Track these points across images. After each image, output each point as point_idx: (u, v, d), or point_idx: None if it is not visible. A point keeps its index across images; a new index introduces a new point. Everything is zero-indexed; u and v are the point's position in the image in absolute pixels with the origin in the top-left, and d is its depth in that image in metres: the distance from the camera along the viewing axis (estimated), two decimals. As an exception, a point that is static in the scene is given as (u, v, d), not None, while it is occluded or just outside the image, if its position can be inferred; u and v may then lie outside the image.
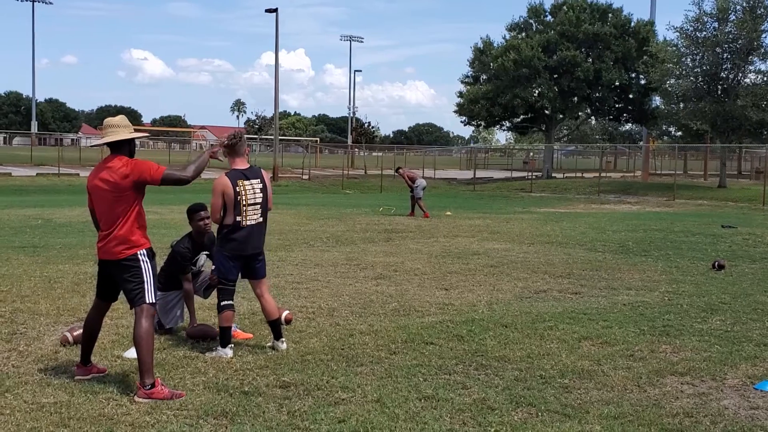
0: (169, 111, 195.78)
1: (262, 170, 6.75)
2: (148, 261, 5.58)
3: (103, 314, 6.00)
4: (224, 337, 6.54)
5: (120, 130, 5.68)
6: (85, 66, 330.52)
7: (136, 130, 5.85)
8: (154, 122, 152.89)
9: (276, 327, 6.74)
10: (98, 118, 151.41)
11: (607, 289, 10.16)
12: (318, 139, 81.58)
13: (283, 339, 6.78)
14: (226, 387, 5.64)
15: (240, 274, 6.69)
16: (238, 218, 6.45)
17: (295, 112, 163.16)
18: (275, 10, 42.57)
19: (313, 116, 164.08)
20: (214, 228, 6.86)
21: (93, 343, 5.92)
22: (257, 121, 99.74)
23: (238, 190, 6.44)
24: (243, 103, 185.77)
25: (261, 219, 6.60)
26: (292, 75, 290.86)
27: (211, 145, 7.12)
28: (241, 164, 6.60)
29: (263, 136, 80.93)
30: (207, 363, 6.27)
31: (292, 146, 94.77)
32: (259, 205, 6.56)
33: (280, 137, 48.73)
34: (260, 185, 6.58)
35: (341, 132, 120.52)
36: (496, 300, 9.22)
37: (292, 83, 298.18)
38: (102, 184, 5.53)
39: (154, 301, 5.57)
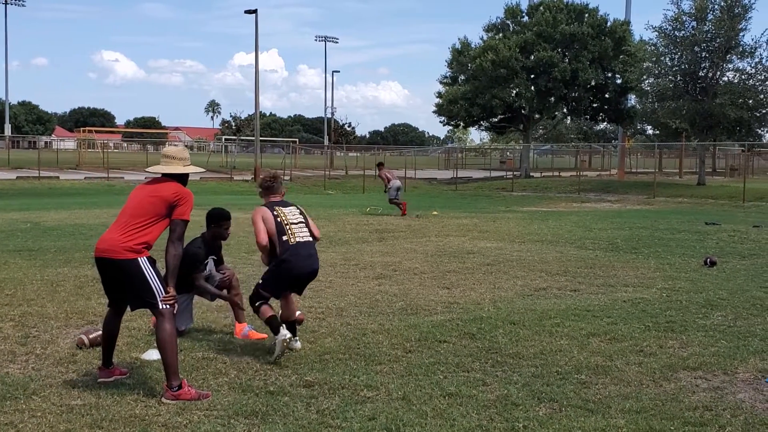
0: (142, 112, 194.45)
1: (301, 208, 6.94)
2: (149, 265, 5.58)
3: (121, 315, 6.02)
4: (272, 326, 6.58)
5: (175, 162, 5.86)
6: (56, 68, 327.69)
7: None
8: (128, 124, 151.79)
9: (292, 326, 6.78)
10: (71, 120, 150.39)
11: (604, 286, 10.30)
12: (297, 139, 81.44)
13: (297, 338, 6.84)
14: (251, 387, 5.69)
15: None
16: (284, 237, 6.56)
17: (270, 112, 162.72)
18: (255, 11, 42.46)
19: (289, 117, 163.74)
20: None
21: (113, 345, 5.93)
22: (234, 122, 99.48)
23: (276, 213, 6.62)
24: (218, 104, 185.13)
25: (310, 237, 6.69)
26: (266, 75, 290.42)
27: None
28: (276, 198, 6.87)
29: (241, 137, 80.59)
30: (227, 364, 6.30)
31: (268, 147, 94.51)
32: (303, 224, 6.70)
33: (259, 138, 48.57)
34: (297, 210, 6.77)
35: (317, 132, 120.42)
36: (499, 298, 9.33)
37: (266, 84, 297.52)
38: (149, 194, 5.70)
39: (164, 294, 5.54)
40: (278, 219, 6.58)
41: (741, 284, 10.39)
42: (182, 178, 5.84)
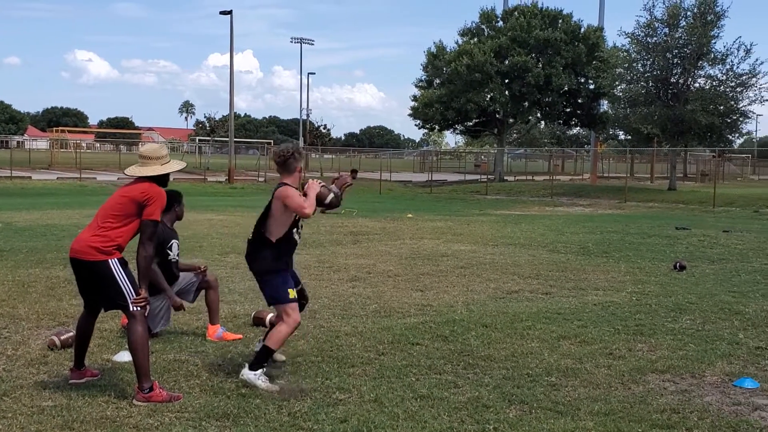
0: (116, 112, 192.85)
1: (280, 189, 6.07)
2: (120, 267, 5.56)
3: (95, 317, 5.99)
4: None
5: (152, 161, 5.77)
6: (29, 67, 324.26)
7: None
8: (101, 124, 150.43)
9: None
10: (44, 119, 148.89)
11: (575, 289, 10.41)
12: (271, 141, 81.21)
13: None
14: (223, 389, 5.69)
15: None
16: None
17: (245, 113, 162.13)
18: (230, 12, 42.34)
19: (264, 118, 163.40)
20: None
21: (86, 346, 5.91)
22: (208, 122, 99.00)
23: None
24: (192, 105, 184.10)
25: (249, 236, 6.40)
26: (241, 76, 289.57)
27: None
28: (291, 182, 6.13)
29: (215, 138, 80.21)
30: (199, 366, 6.31)
31: (243, 148, 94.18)
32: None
33: (234, 139, 48.44)
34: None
35: (292, 134, 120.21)
36: (472, 301, 9.40)
37: (241, 85, 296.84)
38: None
39: (135, 296, 5.52)
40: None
41: (710, 288, 10.54)
42: (161, 178, 5.80)
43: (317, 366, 6.35)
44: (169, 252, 7.21)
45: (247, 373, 5.82)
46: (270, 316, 7.71)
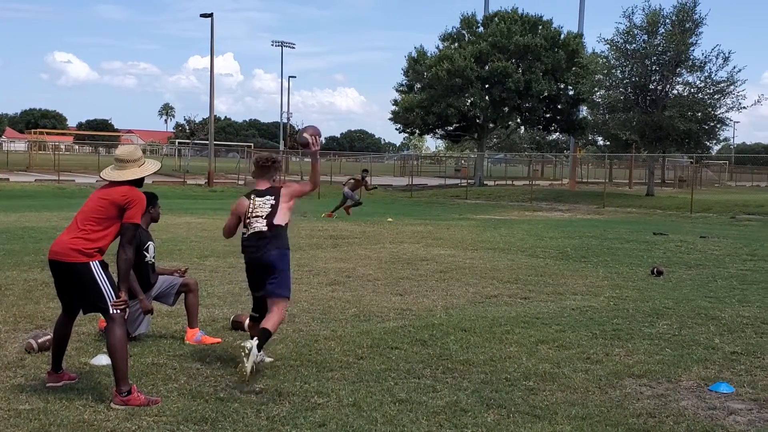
0: (95, 114, 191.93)
1: (282, 188, 6.62)
2: (101, 270, 5.55)
3: (73, 319, 5.96)
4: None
5: (129, 165, 5.78)
6: (7, 69, 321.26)
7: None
8: (80, 126, 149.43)
9: (260, 333, 6.35)
10: (22, 121, 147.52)
11: (554, 294, 10.47)
12: (252, 144, 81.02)
13: (258, 343, 6.31)
14: (201, 393, 5.68)
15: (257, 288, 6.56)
16: (243, 230, 6.54)
17: (225, 116, 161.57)
18: (210, 15, 42.22)
19: (244, 121, 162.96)
20: None
21: (63, 349, 5.88)
22: (188, 125, 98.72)
23: (249, 203, 6.53)
24: (172, 108, 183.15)
25: (263, 228, 6.42)
26: (221, 79, 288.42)
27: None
28: (261, 186, 6.64)
29: (195, 141, 79.89)
30: (177, 370, 6.28)
31: (222, 151, 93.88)
32: (261, 217, 6.46)
33: (213, 142, 48.28)
34: (270, 200, 6.50)
35: (273, 137, 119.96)
36: (451, 305, 9.43)
37: (221, 87, 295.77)
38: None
39: (115, 299, 5.51)
40: (248, 210, 6.49)
41: (686, 294, 10.64)
42: (137, 180, 5.80)
43: (296, 370, 6.35)
44: (145, 254, 7.19)
45: (256, 351, 6.00)
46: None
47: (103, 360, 6.28)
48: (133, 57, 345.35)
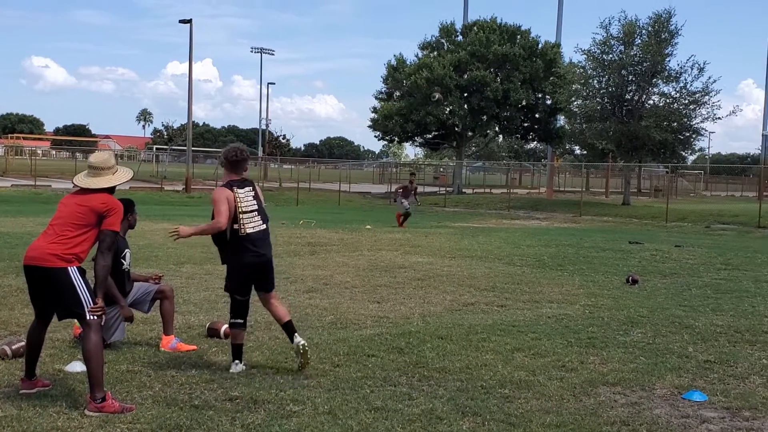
0: (72, 120, 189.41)
1: (251, 180, 6.73)
2: (79, 275, 5.53)
3: (47, 326, 5.92)
4: (233, 351, 6.61)
5: (103, 172, 5.77)
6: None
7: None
8: (57, 131, 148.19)
9: (287, 328, 6.66)
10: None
11: (530, 302, 10.52)
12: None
13: (297, 333, 6.62)
14: (176, 401, 5.65)
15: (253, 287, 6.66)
16: (235, 226, 6.43)
17: (204, 122, 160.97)
18: (189, 21, 42.09)
19: (223, 127, 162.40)
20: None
21: (37, 356, 5.84)
22: (166, 131, 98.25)
23: (234, 196, 6.43)
24: (150, 113, 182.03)
25: (263, 226, 6.56)
26: (200, 85, 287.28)
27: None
28: (239, 176, 6.63)
29: (173, 147, 79.51)
30: (152, 377, 6.25)
31: (201, 157, 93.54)
32: (256, 212, 6.51)
33: (192, 148, 48.06)
34: (252, 193, 6.55)
35: (252, 144, 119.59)
36: (428, 313, 9.45)
37: (200, 93, 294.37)
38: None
39: (92, 305, 5.49)
40: (235, 204, 6.41)
41: (661, 302, 10.73)
42: (110, 187, 5.79)
43: (271, 377, 6.33)
44: (122, 262, 7.15)
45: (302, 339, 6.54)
46: (225, 327, 7.68)
47: (77, 367, 6.24)
48: (112, 62, 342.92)
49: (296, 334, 6.58)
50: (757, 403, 6.08)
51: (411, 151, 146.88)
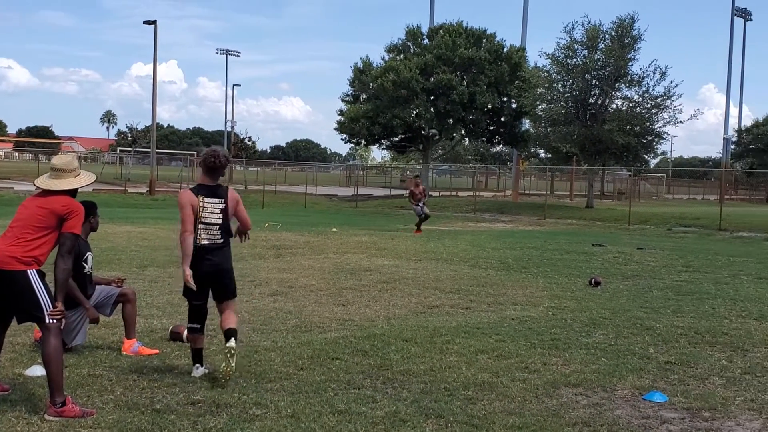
0: (35, 121, 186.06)
1: (230, 192, 6.44)
2: (38, 278, 5.47)
3: (5, 329, 5.84)
4: (193, 356, 6.55)
5: (65, 175, 5.71)
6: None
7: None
8: (20, 132, 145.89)
9: (226, 334, 6.39)
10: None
11: (494, 304, 10.58)
12: (195, 152, 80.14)
13: (234, 338, 6.30)
14: (137, 405, 5.60)
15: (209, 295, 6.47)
16: (194, 235, 6.27)
17: (168, 124, 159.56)
18: (154, 22, 41.74)
19: (188, 129, 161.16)
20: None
21: (-5, 361, 5.76)
22: (130, 133, 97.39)
23: (199, 202, 6.25)
24: (114, 115, 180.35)
25: (218, 239, 6.33)
26: (164, 87, 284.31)
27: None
28: (212, 181, 6.40)
29: (137, 149, 78.77)
30: (113, 381, 6.20)
31: (165, 159, 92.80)
32: (217, 226, 6.30)
33: (156, 150, 47.64)
34: (221, 205, 6.31)
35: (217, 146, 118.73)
36: (393, 315, 9.47)
37: (164, 95, 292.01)
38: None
39: (52, 309, 5.42)
40: (198, 211, 6.24)
41: (623, 304, 10.85)
42: (72, 190, 5.73)
43: (234, 381, 6.29)
44: (84, 265, 7.08)
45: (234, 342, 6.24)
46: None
47: (37, 371, 6.16)
48: (75, 64, 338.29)
49: (233, 338, 6.27)
50: (717, 403, 6.17)
51: (378, 154, 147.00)
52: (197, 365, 6.48)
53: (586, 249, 19.21)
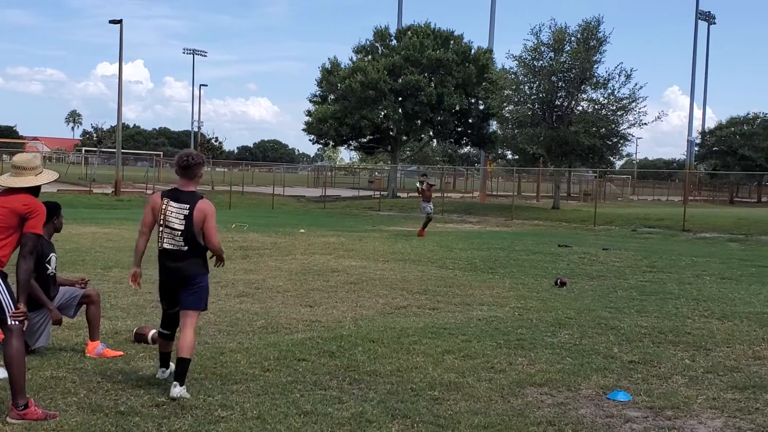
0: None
1: (200, 202, 6.08)
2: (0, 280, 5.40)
3: None
4: (161, 359, 6.45)
5: (26, 172, 5.64)
6: None
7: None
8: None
9: (176, 365, 6.06)
10: None
11: (461, 304, 10.63)
12: (161, 153, 79.53)
13: (176, 383, 5.90)
14: (101, 407, 5.55)
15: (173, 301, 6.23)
16: (159, 240, 6.15)
17: (134, 124, 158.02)
18: (120, 22, 41.34)
19: (154, 129, 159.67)
20: None
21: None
22: (96, 133, 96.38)
23: (162, 207, 6.09)
24: (79, 115, 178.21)
25: (182, 247, 6.05)
26: (130, 87, 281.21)
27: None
28: (183, 186, 6.19)
29: (103, 149, 77.96)
30: (77, 383, 6.13)
31: (131, 160, 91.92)
32: (180, 232, 6.03)
33: (122, 150, 47.18)
34: (185, 211, 6.03)
35: (183, 146, 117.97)
36: (360, 316, 9.47)
37: (130, 95, 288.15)
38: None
39: (14, 310, 5.36)
40: (160, 213, 6.10)
41: (588, 304, 10.95)
42: (34, 189, 5.66)
43: (199, 383, 6.26)
44: (47, 266, 7.00)
45: (181, 391, 5.83)
46: (152, 332, 7.57)
47: (2, 373, 6.06)
48: (40, 63, 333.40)
49: (176, 384, 5.85)
50: (680, 402, 6.25)
51: (346, 155, 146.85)
52: (163, 368, 6.42)
53: (552, 250, 19.36)
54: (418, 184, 24.54)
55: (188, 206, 6.05)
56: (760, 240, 26.25)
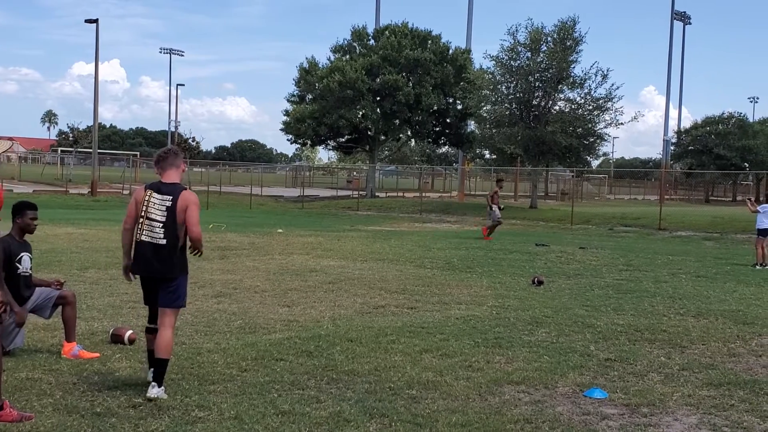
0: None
1: (184, 192, 6.11)
2: None
3: None
4: (148, 357, 6.30)
5: None
6: None
7: None
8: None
9: (154, 365, 6.07)
10: None
11: (439, 303, 10.66)
12: (138, 153, 79.02)
13: (154, 384, 5.91)
14: (77, 408, 5.51)
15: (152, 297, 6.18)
16: (135, 231, 6.11)
17: (111, 124, 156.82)
18: (96, 21, 41.03)
19: (131, 129, 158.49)
20: None
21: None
22: (72, 133, 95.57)
23: (145, 198, 6.07)
24: (55, 115, 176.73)
25: (160, 240, 6.00)
26: (106, 86, 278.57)
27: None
28: (165, 178, 6.21)
29: (79, 149, 77.30)
30: (53, 384, 6.09)
31: (108, 160, 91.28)
32: (160, 223, 6.00)
33: (98, 150, 46.83)
34: (167, 203, 6.02)
35: (160, 146, 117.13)
36: (338, 316, 9.47)
37: (106, 95, 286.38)
38: None
39: None
40: (142, 204, 6.08)
41: (565, 303, 11.02)
42: None
43: (176, 383, 6.23)
44: (18, 266, 6.92)
45: (159, 392, 5.80)
46: (129, 333, 7.54)
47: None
48: (15, 62, 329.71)
49: (154, 384, 5.86)
50: (655, 399, 6.31)
51: (324, 155, 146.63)
52: (152, 368, 6.35)
53: (529, 249, 19.45)
54: (497, 188, 24.45)
55: (171, 197, 6.05)
56: (734, 238, 26.51)
